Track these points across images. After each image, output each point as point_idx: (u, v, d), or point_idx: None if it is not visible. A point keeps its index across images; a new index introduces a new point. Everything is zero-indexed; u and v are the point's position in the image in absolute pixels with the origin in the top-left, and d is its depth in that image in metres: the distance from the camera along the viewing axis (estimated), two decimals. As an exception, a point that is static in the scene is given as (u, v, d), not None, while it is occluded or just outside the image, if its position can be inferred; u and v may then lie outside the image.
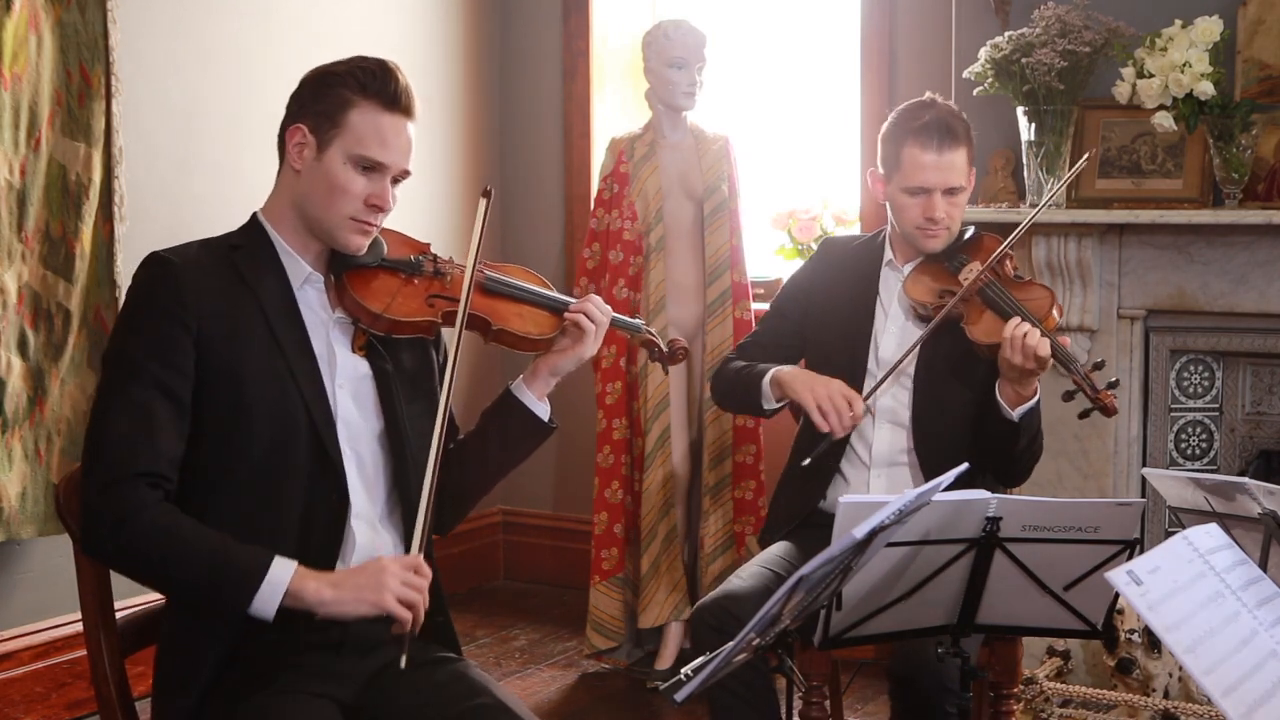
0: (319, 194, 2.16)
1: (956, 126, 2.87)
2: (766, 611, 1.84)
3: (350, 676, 2.15)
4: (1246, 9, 3.66)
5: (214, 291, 2.11)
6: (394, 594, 2.04)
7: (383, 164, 2.15)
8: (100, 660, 2.14)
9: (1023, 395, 2.77)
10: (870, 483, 2.93)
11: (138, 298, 2.11)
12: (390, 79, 2.16)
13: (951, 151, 2.84)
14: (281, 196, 2.22)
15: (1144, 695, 3.57)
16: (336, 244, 2.19)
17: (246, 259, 2.17)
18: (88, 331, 3.66)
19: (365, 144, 2.14)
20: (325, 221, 2.16)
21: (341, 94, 2.15)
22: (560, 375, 2.35)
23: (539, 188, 5.03)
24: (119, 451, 2.01)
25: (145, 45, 3.87)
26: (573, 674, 4.28)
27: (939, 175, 2.84)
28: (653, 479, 4.23)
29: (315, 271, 2.20)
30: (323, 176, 2.15)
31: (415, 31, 4.77)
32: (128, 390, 2.03)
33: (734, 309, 4.23)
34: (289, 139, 2.20)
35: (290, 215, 2.20)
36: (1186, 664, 1.75)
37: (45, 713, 3.69)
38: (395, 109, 2.16)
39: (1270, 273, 3.66)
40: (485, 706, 2.11)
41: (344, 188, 2.14)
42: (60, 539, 3.55)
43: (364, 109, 2.15)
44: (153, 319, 2.07)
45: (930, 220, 2.86)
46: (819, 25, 4.89)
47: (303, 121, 2.18)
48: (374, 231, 2.20)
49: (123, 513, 1.99)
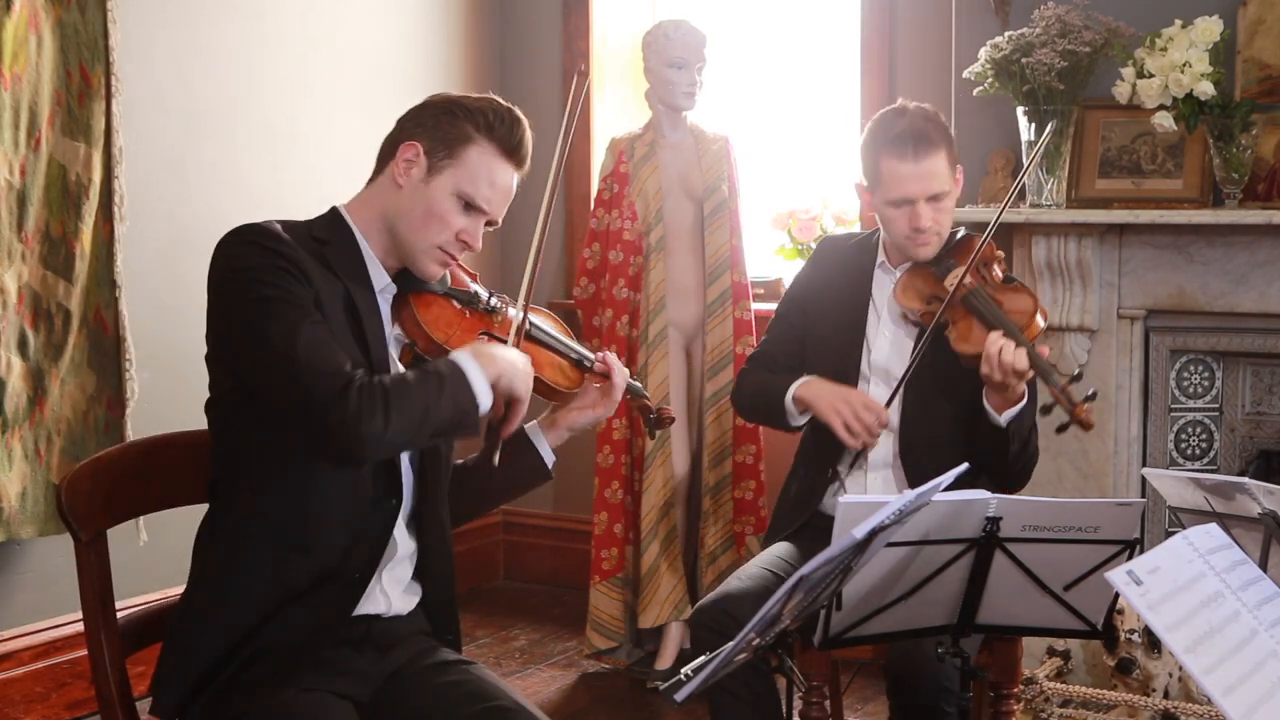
0: (416, 215, 2.16)
1: (931, 131, 2.82)
2: (766, 612, 1.84)
3: (368, 675, 2.17)
4: (1246, 9, 3.66)
5: (314, 271, 2.09)
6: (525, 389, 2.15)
7: (484, 208, 2.17)
8: (100, 660, 2.14)
9: (1009, 400, 2.75)
10: (867, 485, 2.94)
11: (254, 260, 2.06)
12: (517, 129, 2.20)
13: (929, 159, 2.79)
14: (373, 205, 2.20)
15: (1144, 695, 3.58)
16: (414, 267, 2.19)
17: (335, 254, 2.15)
18: (88, 331, 3.66)
19: (475, 183, 2.16)
20: (413, 244, 2.17)
21: (467, 128, 2.17)
22: (575, 432, 2.39)
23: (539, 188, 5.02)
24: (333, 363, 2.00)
25: (145, 45, 3.87)
26: (573, 674, 4.28)
27: (919, 184, 2.80)
28: (653, 479, 4.23)
29: (391, 283, 2.21)
30: (424, 200, 2.15)
31: (415, 32, 4.77)
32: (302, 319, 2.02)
33: (734, 309, 4.23)
34: (401, 152, 2.18)
35: (378, 225, 2.19)
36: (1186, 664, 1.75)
37: (45, 713, 3.69)
38: (513, 158, 2.20)
39: (1270, 273, 3.66)
40: (501, 709, 2.13)
41: (442, 217, 2.15)
42: (60, 539, 3.55)
43: (484, 149, 2.17)
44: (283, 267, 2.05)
45: (917, 230, 2.84)
46: (819, 25, 4.89)
47: (419, 140, 2.17)
48: (453, 265, 2.23)
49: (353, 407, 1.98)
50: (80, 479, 2.14)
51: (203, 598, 2.14)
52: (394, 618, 2.21)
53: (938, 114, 2.91)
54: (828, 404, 2.83)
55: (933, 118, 2.86)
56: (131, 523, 2.24)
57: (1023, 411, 2.78)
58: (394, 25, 4.69)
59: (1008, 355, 2.65)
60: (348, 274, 2.14)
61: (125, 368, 3.73)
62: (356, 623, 2.15)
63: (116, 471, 2.19)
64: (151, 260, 3.87)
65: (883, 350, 2.93)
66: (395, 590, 2.20)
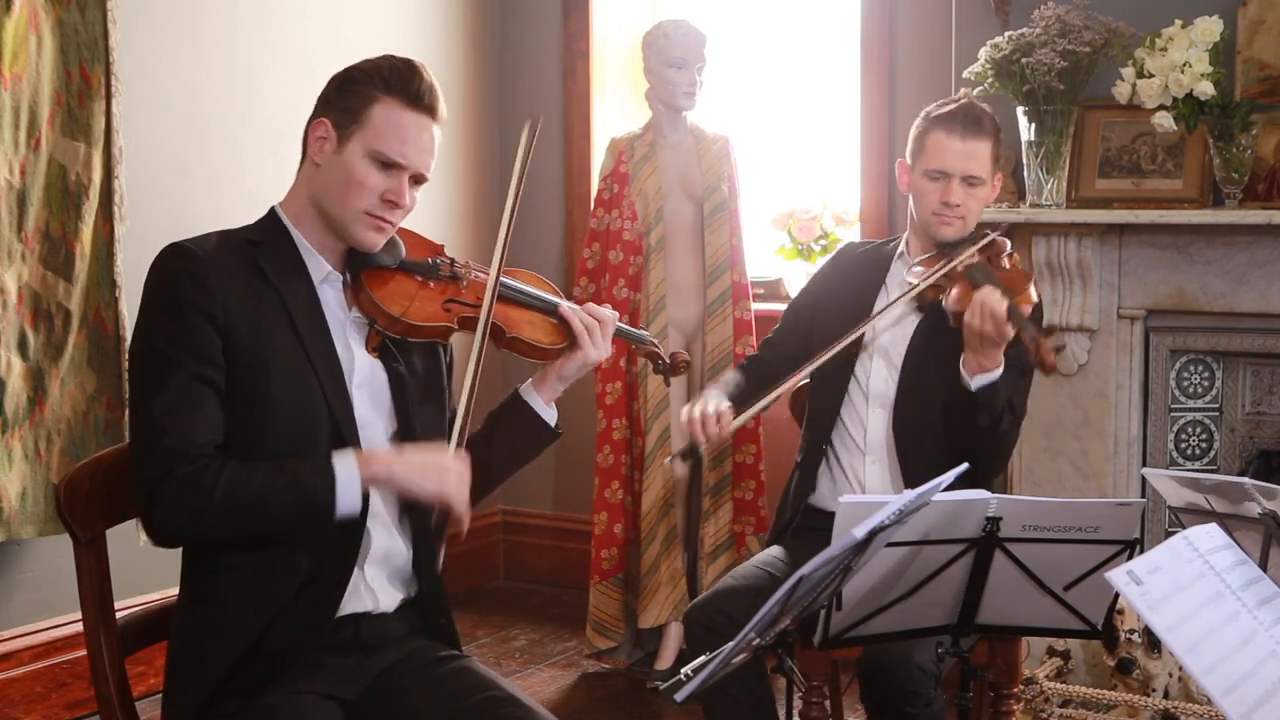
0: (336, 187, 2.15)
1: (984, 119, 2.94)
2: (767, 611, 1.84)
3: (355, 675, 2.16)
4: (1246, 9, 3.66)
5: (237, 285, 2.10)
6: (455, 486, 2.09)
7: (400, 162, 2.15)
8: (100, 660, 2.14)
9: (983, 365, 2.77)
10: (866, 474, 2.94)
11: (161, 289, 2.09)
12: (415, 77, 2.16)
13: (975, 140, 2.91)
14: (300, 192, 2.22)
15: (1144, 695, 3.57)
16: (351, 240, 2.18)
17: (267, 255, 2.15)
18: (88, 331, 3.66)
19: (385, 139, 2.14)
20: (340, 216, 2.16)
21: (366, 90, 2.15)
22: (568, 381, 2.36)
23: (539, 188, 5.02)
24: (166, 445, 2.01)
25: (145, 45, 3.87)
26: (573, 674, 4.28)
27: (960, 161, 2.90)
28: (653, 479, 4.23)
29: (335, 270, 2.20)
30: (340, 170, 2.14)
31: (415, 31, 4.77)
32: (167, 382, 2.03)
33: (734, 309, 4.23)
34: (311, 133, 2.18)
35: (309, 211, 2.19)
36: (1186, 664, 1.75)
37: (45, 713, 3.69)
38: (418, 107, 2.16)
39: (1270, 273, 3.66)
40: (495, 699, 2.12)
41: (360, 181, 2.13)
42: (60, 539, 3.55)
43: (387, 105, 2.14)
44: (180, 311, 2.06)
45: (945, 204, 2.90)
46: (819, 25, 4.89)
47: (326, 116, 2.17)
48: (389, 229, 2.19)
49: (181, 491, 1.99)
50: (80, 479, 2.14)
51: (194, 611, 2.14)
52: (382, 615, 2.19)
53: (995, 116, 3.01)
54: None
55: (990, 114, 2.99)
56: (131, 523, 2.23)
57: (995, 385, 2.79)
58: (394, 25, 4.69)
59: (990, 300, 2.71)
60: (281, 274, 2.14)
61: (125, 368, 3.73)
62: (344, 624, 2.14)
63: (116, 471, 2.19)
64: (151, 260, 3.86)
65: (886, 327, 2.97)
66: (380, 585, 2.19)
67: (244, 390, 2.07)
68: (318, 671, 2.12)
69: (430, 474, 2.09)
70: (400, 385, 2.21)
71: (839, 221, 4.76)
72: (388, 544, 2.20)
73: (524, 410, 2.35)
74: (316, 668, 2.12)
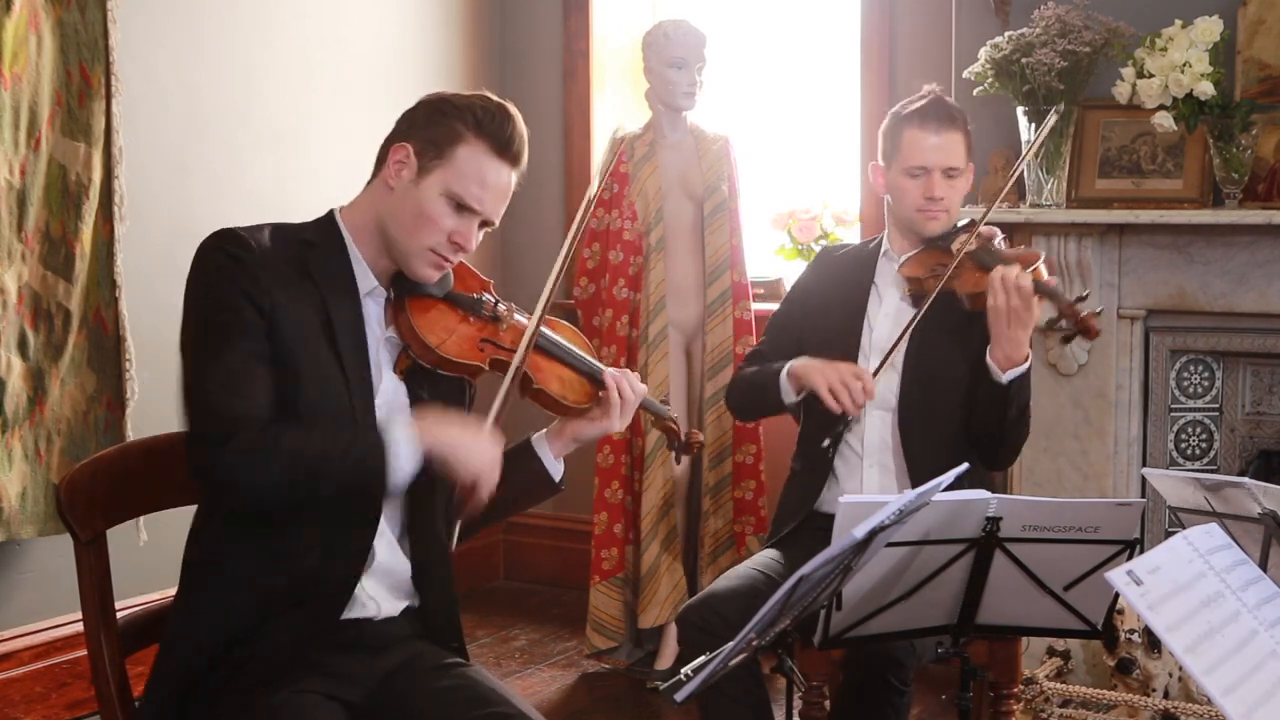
0: (406, 217, 2.13)
1: (954, 112, 2.97)
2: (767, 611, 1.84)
3: (360, 678, 2.15)
4: (1246, 9, 3.66)
5: (285, 282, 2.08)
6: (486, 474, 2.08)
7: (476, 208, 2.13)
8: (100, 660, 2.13)
9: (1013, 359, 2.78)
10: (864, 476, 2.94)
11: (215, 271, 2.06)
12: (508, 124, 2.15)
13: (950, 132, 2.92)
14: (367, 208, 2.18)
15: (1144, 695, 3.57)
16: (408, 270, 2.16)
17: (319, 259, 2.13)
18: (88, 331, 3.66)
19: (465, 182, 2.12)
20: (404, 246, 2.14)
21: (455, 126, 2.13)
22: (581, 443, 2.35)
23: (539, 188, 5.02)
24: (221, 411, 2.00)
25: (145, 45, 3.87)
26: (573, 674, 4.28)
27: (938, 155, 2.90)
28: (653, 479, 4.23)
29: (380, 287, 2.18)
30: (414, 201, 2.12)
31: (415, 32, 4.77)
32: (228, 351, 2.02)
33: (734, 309, 4.23)
34: (391, 155, 2.15)
35: (371, 228, 2.17)
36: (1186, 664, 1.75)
37: (45, 713, 3.69)
38: (505, 155, 2.15)
39: (1270, 273, 3.66)
40: (500, 715, 2.11)
41: (432, 219, 2.11)
42: (60, 539, 3.55)
43: (474, 147, 2.13)
44: (233, 295, 2.04)
45: (930, 200, 2.91)
46: (819, 25, 4.89)
47: (410, 142, 2.14)
48: (448, 268, 2.18)
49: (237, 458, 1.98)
50: (80, 479, 2.14)
51: (190, 605, 2.14)
52: (385, 620, 2.19)
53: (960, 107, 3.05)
54: (816, 369, 2.88)
55: (957, 105, 3.03)
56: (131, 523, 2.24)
57: (1024, 377, 2.82)
58: (394, 25, 4.69)
59: (1013, 276, 2.73)
60: (328, 279, 2.12)
61: (125, 368, 3.73)
62: (346, 627, 2.14)
63: (116, 471, 2.19)
64: (151, 260, 3.87)
65: (885, 326, 2.96)
66: (381, 594, 2.18)
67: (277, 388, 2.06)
68: (321, 672, 2.11)
69: (473, 455, 2.07)
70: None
71: (839, 221, 4.76)
72: (389, 559, 2.19)
73: (532, 460, 2.33)
74: (319, 668, 2.12)
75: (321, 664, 2.12)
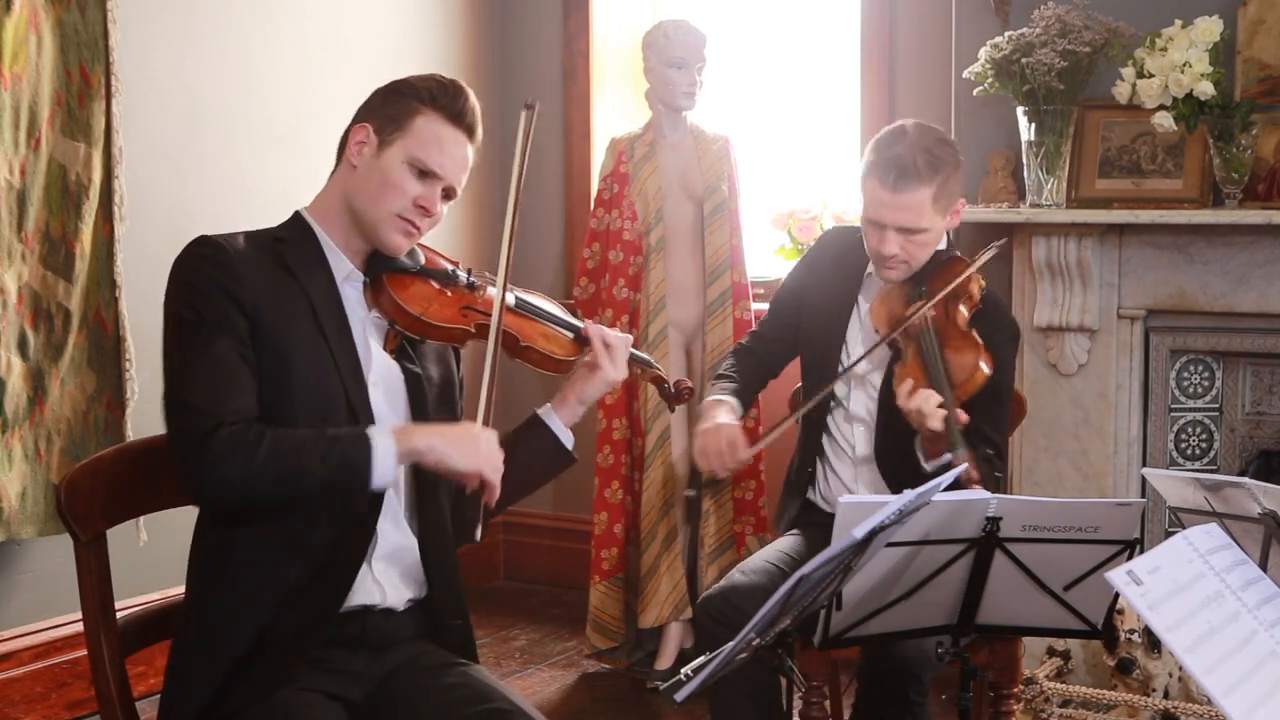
0: (371, 189, 2.20)
1: (921, 165, 2.74)
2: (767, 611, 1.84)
3: (363, 676, 2.17)
4: (1246, 9, 3.66)
5: (262, 276, 2.14)
6: (486, 458, 2.12)
7: (436, 172, 2.20)
8: (100, 660, 2.14)
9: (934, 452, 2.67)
10: (857, 477, 2.96)
11: (191, 273, 2.13)
12: (460, 95, 2.23)
13: (907, 193, 2.74)
14: (332, 193, 2.26)
15: (1144, 695, 3.58)
16: (379, 241, 2.22)
17: (292, 251, 2.20)
18: (88, 331, 3.66)
19: (425, 148, 2.20)
20: (372, 216, 2.20)
21: (411, 102, 2.22)
22: (588, 403, 2.40)
23: (539, 188, 5.03)
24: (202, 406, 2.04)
25: (145, 45, 3.87)
26: (573, 674, 4.28)
27: (891, 214, 2.77)
28: (653, 479, 4.23)
29: (356, 270, 2.24)
30: (378, 173, 2.20)
31: (415, 32, 4.77)
32: (209, 348, 2.07)
33: (734, 309, 4.23)
34: (351, 137, 2.25)
35: (338, 211, 2.24)
36: (1186, 664, 1.75)
37: (45, 713, 3.69)
38: (459, 124, 2.23)
39: (1270, 273, 3.66)
40: (498, 711, 2.12)
41: (396, 185, 2.19)
42: (60, 539, 3.55)
43: (429, 118, 2.21)
44: (209, 291, 2.10)
45: (879, 255, 2.83)
46: (819, 25, 4.89)
47: (369, 122, 2.23)
48: (417, 235, 2.24)
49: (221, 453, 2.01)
50: (80, 479, 2.14)
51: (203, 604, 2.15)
52: (388, 612, 2.20)
53: (942, 143, 2.82)
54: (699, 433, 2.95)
55: (931, 148, 2.77)
56: (131, 523, 2.24)
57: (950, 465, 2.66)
58: (394, 25, 4.69)
59: (926, 409, 2.62)
60: (304, 267, 2.19)
61: (125, 368, 3.73)
62: (352, 618, 2.15)
63: (116, 471, 2.19)
64: (151, 260, 3.86)
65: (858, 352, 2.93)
66: (389, 579, 2.20)
67: (267, 375, 2.11)
68: (324, 670, 2.13)
69: (465, 446, 2.12)
70: (416, 384, 2.25)
71: (839, 221, 4.76)
72: (397, 540, 2.21)
73: (542, 431, 2.39)
74: (323, 665, 2.13)
75: (324, 660, 2.13)
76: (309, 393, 2.12)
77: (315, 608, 2.11)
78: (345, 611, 2.15)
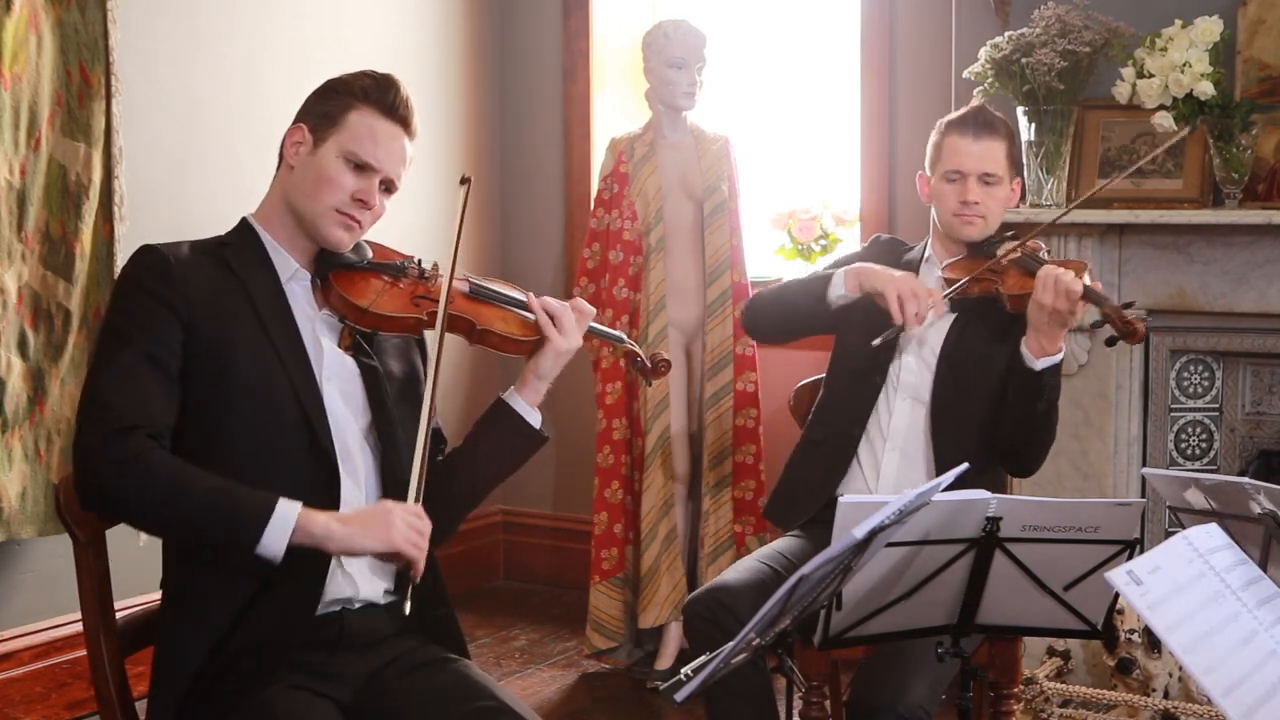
0: (309, 185, 2.22)
1: (996, 122, 3.01)
2: (766, 611, 1.84)
3: (347, 677, 2.15)
4: (1246, 9, 3.66)
5: (204, 280, 2.16)
6: (402, 534, 2.07)
7: (372, 165, 2.22)
8: (100, 660, 2.14)
9: (1047, 349, 2.82)
10: (884, 460, 2.95)
11: (127, 282, 2.16)
12: (391, 89, 2.25)
13: (989, 139, 2.97)
14: (273, 195, 2.29)
15: (1144, 695, 3.58)
16: (320, 237, 2.23)
17: (235, 254, 2.22)
18: (88, 331, 3.66)
19: (359, 142, 2.22)
20: (311, 212, 2.22)
21: (343, 99, 2.25)
22: (547, 379, 2.34)
23: (539, 188, 5.03)
24: (117, 408, 2.03)
25: (145, 45, 3.87)
26: (573, 674, 4.28)
27: (975, 161, 2.95)
28: (653, 479, 4.23)
29: (303, 269, 2.25)
30: (314, 169, 2.22)
31: (415, 32, 4.77)
32: (118, 358, 2.07)
33: (734, 309, 4.23)
34: (288, 138, 2.28)
35: (280, 212, 2.26)
36: (1186, 664, 1.75)
37: (45, 713, 3.69)
38: (392, 117, 2.25)
39: (1270, 273, 3.66)
40: (488, 709, 2.11)
41: (333, 179, 2.21)
42: (60, 539, 3.54)
43: (363, 112, 2.23)
44: (141, 300, 2.11)
45: (964, 203, 2.95)
46: (819, 25, 4.89)
47: (304, 122, 2.26)
48: (358, 230, 2.25)
49: (127, 454, 2.00)
50: (79, 479, 2.14)
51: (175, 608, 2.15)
52: (366, 608, 2.18)
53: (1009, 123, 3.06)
54: (885, 275, 2.91)
55: (1003, 119, 3.04)
56: (131, 523, 2.23)
57: (1056, 370, 2.85)
58: (394, 25, 4.69)
59: (1065, 277, 2.76)
60: (247, 268, 2.20)
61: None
62: (329, 621, 2.14)
63: (116, 471, 2.19)
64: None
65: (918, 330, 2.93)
66: (358, 570, 2.17)
67: (208, 381, 2.11)
68: (306, 672, 2.11)
69: (373, 529, 2.06)
70: (374, 379, 2.24)
71: (839, 221, 4.76)
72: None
73: (508, 414, 2.35)
74: (309, 668, 2.11)
75: (306, 664, 2.11)
76: (253, 392, 2.12)
77: (289, 604, 2.09)
78: (322, 614, 2.12)
